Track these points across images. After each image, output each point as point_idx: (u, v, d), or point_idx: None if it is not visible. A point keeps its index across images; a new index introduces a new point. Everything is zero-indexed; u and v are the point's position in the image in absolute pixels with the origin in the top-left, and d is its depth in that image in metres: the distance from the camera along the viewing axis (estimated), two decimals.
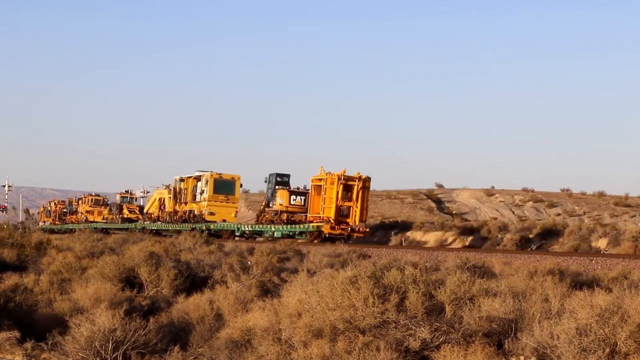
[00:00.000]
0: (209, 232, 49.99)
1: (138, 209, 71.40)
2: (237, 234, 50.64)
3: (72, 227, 73.76)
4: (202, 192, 54.98)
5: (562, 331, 10.41)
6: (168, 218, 59.36)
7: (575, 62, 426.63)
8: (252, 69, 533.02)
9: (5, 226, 39.37)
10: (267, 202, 50.30)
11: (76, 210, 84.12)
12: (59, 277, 18.53)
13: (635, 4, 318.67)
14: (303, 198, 47.19)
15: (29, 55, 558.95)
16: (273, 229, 47.75)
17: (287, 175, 49.67)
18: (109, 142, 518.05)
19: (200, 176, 55.40)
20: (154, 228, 59.61)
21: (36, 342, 13.15)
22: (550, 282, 14.14)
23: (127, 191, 75.77)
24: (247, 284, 17.30)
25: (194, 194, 56.36)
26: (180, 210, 58.37)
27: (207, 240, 33.87)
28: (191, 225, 53.86)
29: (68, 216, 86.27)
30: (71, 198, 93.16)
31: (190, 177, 57.08)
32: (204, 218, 54.00)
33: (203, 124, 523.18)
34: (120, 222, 69.79)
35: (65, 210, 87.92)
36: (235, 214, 55.81)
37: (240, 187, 56.80)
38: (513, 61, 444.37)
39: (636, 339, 10.10)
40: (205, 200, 54.34)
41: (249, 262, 21.24)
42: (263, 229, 48.70)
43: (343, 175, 43.72)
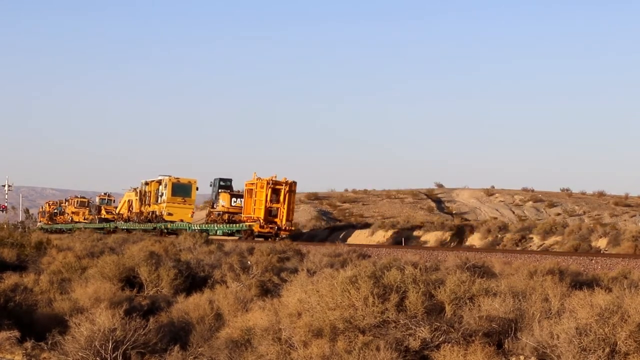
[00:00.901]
0: (167, 231, 56.93)
1: (115, 210, 76.97)
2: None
3: (60, 227, 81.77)
4: (162, 195, 61.21)
5: (562, 331, 10.41)
6: (135, 218, 65.53)
7: (575, 62, 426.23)
8: (252, 69, 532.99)
9: (5, 226, 39.32)
10: (212, 204, 57.38)
11: (64, 211, 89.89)
12: (59, 277, 18.55)
13: (635, 4, 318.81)
14: (243, 200, 52.79)
15: (29, 55, 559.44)
16: (216, 228, 53.93)
17: (230, 180, 56.49)
18: (109, 142, 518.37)
19: (161, 180, 61.44)
20: (124, 227, 65.08)
21: (36, 342, 13.15)
22: (550, 282, 14.14)
23: (106, 193, 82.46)
24: (247, 284, 17.32)
25: (157, 197, 62.46)
26: (145, 211, 64.47)
27: (207, 240, 33.93)
28: (153, 225, 60.41)
29: (58, 217, 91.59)
30: (61, 200, 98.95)
31: (153, 181, 63.19)
32: (163, 218, 60.12)
33: (203, 124, 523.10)
34: (98, 222, 75.80)
35: (56, 211, 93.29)
36: (192, 215, 62.02)
37: (197, 190, 62.74)
38: (513, 61, 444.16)
39: (636, 338, 10.09)
40: (164, 202, 60.63)
41: (249, 262, 21.24)
42: (208, 228, 54.19)
43: (272, 180, 49.67)
